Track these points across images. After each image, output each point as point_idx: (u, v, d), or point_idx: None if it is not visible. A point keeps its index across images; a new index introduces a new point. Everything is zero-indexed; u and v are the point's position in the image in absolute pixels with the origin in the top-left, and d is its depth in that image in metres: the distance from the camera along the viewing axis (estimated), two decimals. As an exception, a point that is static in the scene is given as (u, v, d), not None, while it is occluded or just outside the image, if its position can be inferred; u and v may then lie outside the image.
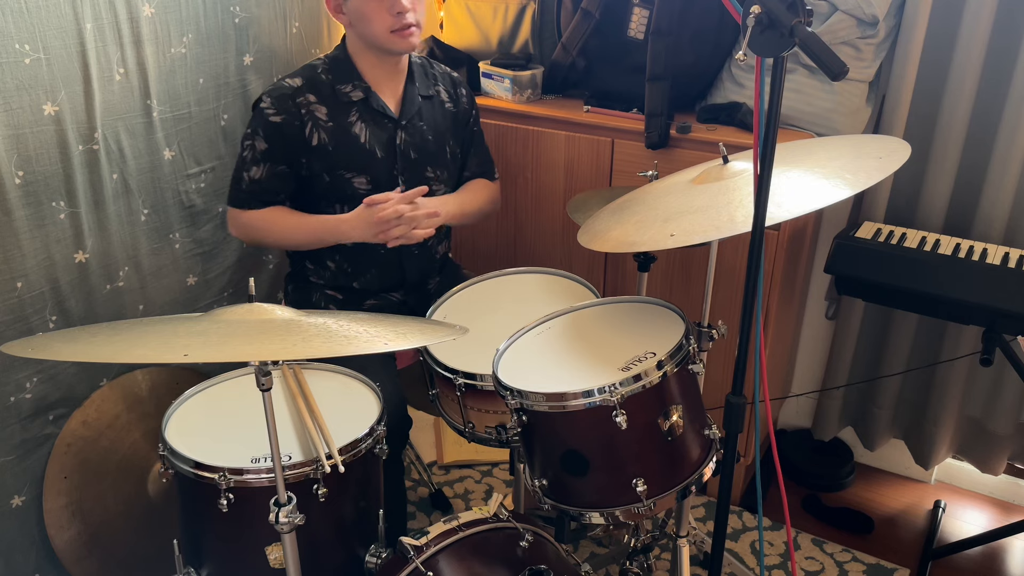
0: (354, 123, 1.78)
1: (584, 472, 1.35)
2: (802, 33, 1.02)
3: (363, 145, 1.78)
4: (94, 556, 1.80)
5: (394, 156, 1.82)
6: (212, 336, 1.08)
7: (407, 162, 1.83)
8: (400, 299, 1.93)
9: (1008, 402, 2.19)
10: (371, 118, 1.79)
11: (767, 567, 2.12)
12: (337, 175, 1.78)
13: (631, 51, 2.15)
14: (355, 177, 1.79)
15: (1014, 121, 1.98)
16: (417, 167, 1.85)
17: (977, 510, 2.35)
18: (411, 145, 1.84)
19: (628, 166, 2.15)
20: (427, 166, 1.87)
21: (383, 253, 1.84)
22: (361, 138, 1.78)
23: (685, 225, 1.34)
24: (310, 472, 1.31)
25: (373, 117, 1.79)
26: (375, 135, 1.79)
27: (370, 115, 1.79)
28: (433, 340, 1.23)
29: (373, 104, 1.78)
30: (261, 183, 1.76)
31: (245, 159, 1.75)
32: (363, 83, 1.78)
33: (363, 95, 1.78)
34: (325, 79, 1.77)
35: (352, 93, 1.77)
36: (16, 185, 1.57)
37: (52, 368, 1.71)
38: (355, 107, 1.78)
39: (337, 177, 1.78)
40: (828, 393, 2.44)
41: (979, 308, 1.80)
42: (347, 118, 1.77)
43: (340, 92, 1.76)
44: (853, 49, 2.01)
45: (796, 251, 2.17)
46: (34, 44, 1.54)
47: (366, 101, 1.78)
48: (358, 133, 1.78)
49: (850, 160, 1.42)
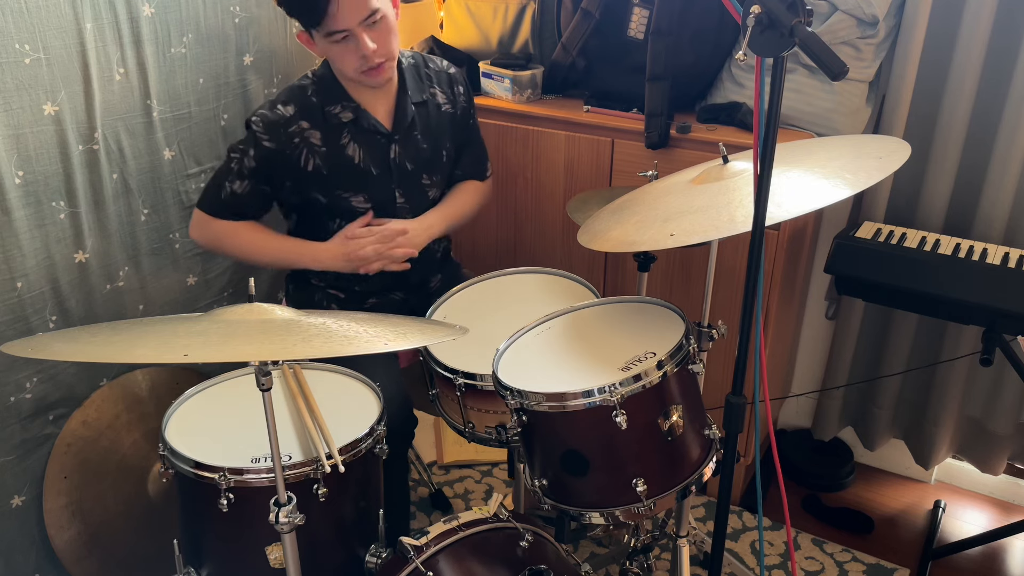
0: (347, 144, 1.74)
1: (584, 472, 1.35)
2: (802, 33, 1.02)
3: (357, 165, 1.76)
4: (94, 556, 1.80)
5: (389, 171, 1.79)
6: (212, 336, 1.08)
7: (403, 174, 1.81)
8: (402, 298, 1.92)
9: (1008, 402, 2.19)
10: (363, 137, 1.75)
11: (767, 567, 2.11)
12: (334, 196, 1.76)
13: (631, 51, 2.15)
14: (353, 196, 1.77)
15: (1014, 121, 1.98)
16: (413, 177, 1.83)
17: (977, 510, 2.35)
18: (406, 157, 1.80)
19: (628, 166, 2.15)
20: (423, 174, 1.84)
21: None
22: (355, 159, 1.75)
23: (685, 225, 1.34)
24: (310, 472, 1.31)
25: (365, 136, 1.75)
26: (369, 154, 1.76)
27: (362, 134, 1.75)
28: (433, 340, 1.23)
29: (364, 123, 1.74)
30: (240, 197, 1.74)
31: (231, 170, 1.72)
32: (352, 103, 1.73)
33: (353, 115, 1.73)
34: (315, 101, 1.72)
35: (342, 114, 1.73)
36: (16, 185, 1.57)
37: (52, 368, 1.71)
38: (346, 128, 1.74)
39: (335, 197, 1.77)
40: (828, 393, 2.44)
41: (979, 308, 1.80)
42: (339, 140, 1.74)
43: (330, 114, 1.72)
44: (853, 49, 2.01)
45: (796, 251, 2.17)
46: (34, 44, 1.54)
47: (356, 121, 1.74)
48: (352, 154, 1.75)
49: (850, 160, 1.42)
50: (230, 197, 1.74)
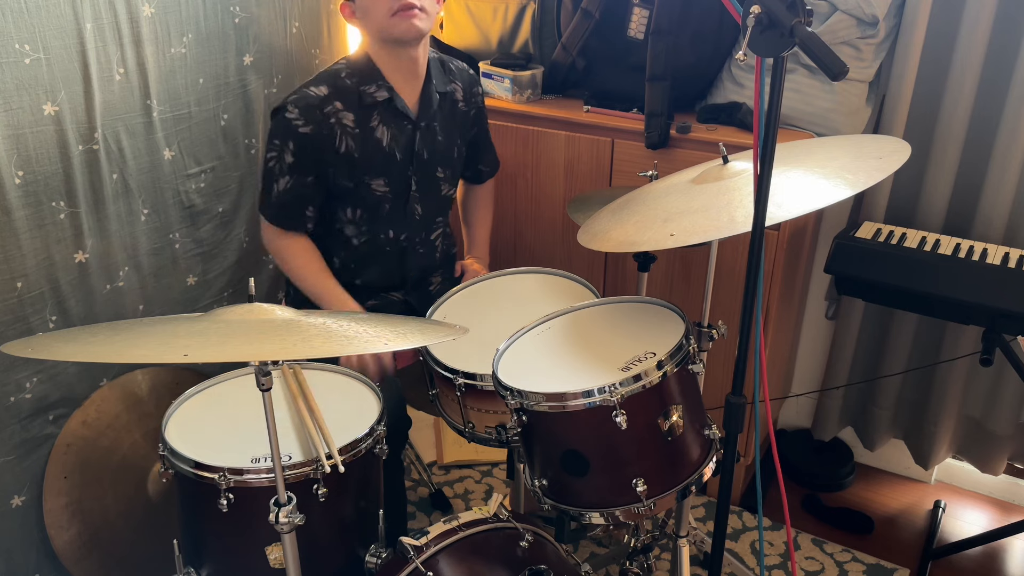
0: (376, 127, 1.78)
1: (584, 472, 1.35)
2: (802, 33, 1.02)
3: (384, 149, 1.79)
4: (94, 556, 1.80)
5: (410, 158, 1.83)
6: (212, 336, 1.08)
7: (420, 163, 1.85)
8: (401, 299, 1.93)
9: (1008, 402, 2.19)
10: (392, 120, 1.79)
11: (767, 567, 2.12)
12: (360, 180, 1.79)
13: (631, 51, 2.15)
14: (374, 180, 1.80)
15: (1014, 121, 1.98)
16: (428, 167, 1.87)
17: (977, 510, 2.35)
18: (425, 147, 1.85)
19: (628, 166, 2.15)
20: (437, 166, 1.88)
21: (388, 251, 1.87)
22: (383, 141, 1.79)
23: (685, 225, 1.34)
24: (310, 472, 1.31)
25: (394, 119, 1.79)
26: (395, 138, 1.80)
27: (391, 117, 1.79)
28: (433, 340, 1.23)
29: (397, 105, 1.78)
30: (289, 194, 1.76)
31: (272, 170, 1.75)
32: (385, 83, 1.77)
33: (387, 95, 1.77)
34: (349, 83, 1.76)
35: (377, 93, 1.76)
36: (16, 185, 1.57)
37: (52, 368, 1.71)
38: (377, 109, 1.77)
39: (359, 183, 1.79)
40: (828, 393, 2.44)
41: (979, 308, 1.80)
42: (370, 122, 1.77)
43: (365, 93, 1.75)
44: (853, 49, 2.01)
45: (796, 251, 2.17)
46: (34, 44, 1.54)
47: (390, 101, 1.77)
48: (380, 137, 1.78)
49: (850, 160, 1.42)
50: (280, 196, 1.76)
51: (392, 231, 1.87)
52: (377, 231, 1.86)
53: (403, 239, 1.89)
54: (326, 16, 2.21)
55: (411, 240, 1.90)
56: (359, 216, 1.83)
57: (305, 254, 1.83)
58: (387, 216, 1.85)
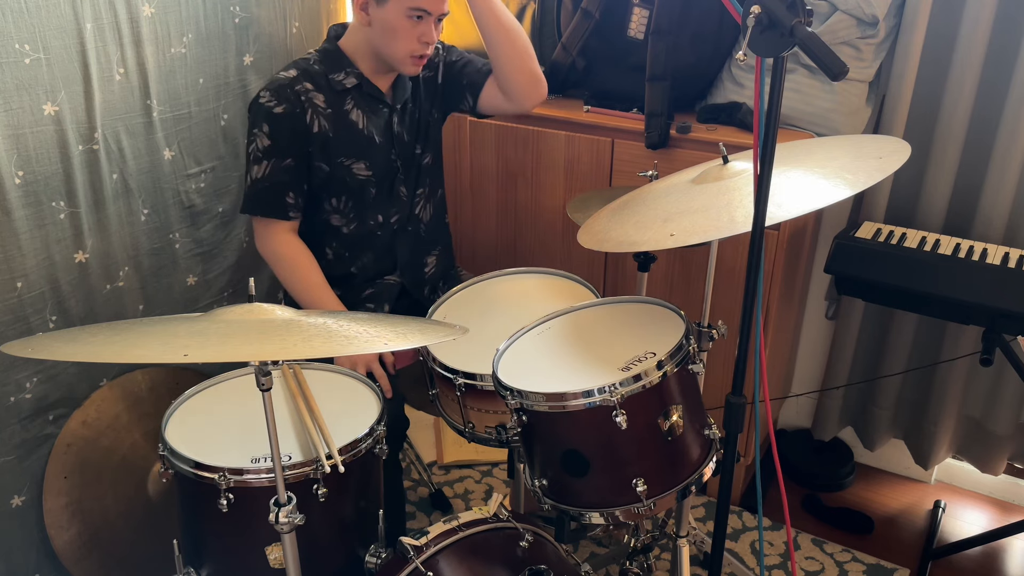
0: (351, 110, 1.79)
1: (584, 472, 1.35)
2: (802, 33, 1.02)
3: (361, 131, 1.80)
4: (94, 556, 1.80)
5: (391, 141, 1.84)
6: (212, 336, 1.08)
7: (402, 145, 1.87)
8: (396, 281, 1.93)
9: (1008, 402, 2.19)
10: (366, 104, 1.81)
11: (767, 567, 2.12)
12: (337, 163, 1.79)
13: (631, 51, 2.15)
14: (354, 163, 1.80)
15: (1014, 121, 1.98)
16: (409, 148, 1.89)
17: (977, 510, 2.35)
18: (404, 128, 1.86)
19: (628, 166, 2.15)
20: (416, 144, 1.90)
21: (379, 235, 1.88)
22: (359, 124, 1.80)
23: (685, 225, 1.34)
24: (310, 472, 1.31)
25: (368, 103, 1.81)
26: (372, 121, 1.81)
27: (365, 101, 1.80)
28: (433, 340, 1.23)
29: (367, 89, 1.80)
30: (267, 180, 1.74)
31: (250, 157, 1.75)
32: (355, 69, 1.78)
33: (357, 81, 1.78)
34: (318, 69, 1.78)
35: (345, 80, 1.78)
36: (16, 185, 1.57)
37: (52, 368, 1.71)
38: (350, 94, 1.79)
39: (337, 166, 1.79)
40: (828, 393, 2.44)
41: (979, 308, 1.80)
42: (343, 105, 1.78)
43: (334, 81, 1.77)
44: (853, 49, 2.01)
45: (796, 251, 2.17)
46: (34, 44, 1.54)
47: (360, 87, 1.79)
48: (355, 119, 1.79)
49: (850, 160, 1.42)
50: (258, 183, 1.75)
51: (381, 215, 1.87)
52: (365, 217, 1.86)
53: (393, 222, 1.89)
54: (326, 16, 2.21)
55: (400, 221, 1.90)
56: (344, 205, 1.83)
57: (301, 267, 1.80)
58: (373, 201, 1.85)
